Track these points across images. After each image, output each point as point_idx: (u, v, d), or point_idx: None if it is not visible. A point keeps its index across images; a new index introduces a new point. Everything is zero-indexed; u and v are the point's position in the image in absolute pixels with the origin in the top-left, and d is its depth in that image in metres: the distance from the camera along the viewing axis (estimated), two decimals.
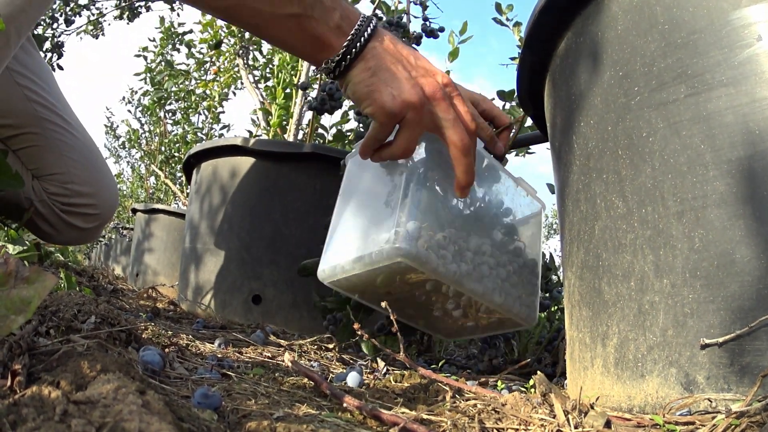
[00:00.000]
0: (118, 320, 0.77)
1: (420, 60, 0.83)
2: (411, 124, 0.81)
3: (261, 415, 0.57)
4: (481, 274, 0.88)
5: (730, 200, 0.60)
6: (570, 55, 0.85)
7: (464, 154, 0.81)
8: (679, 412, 0.59)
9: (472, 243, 0.89)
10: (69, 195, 1.38)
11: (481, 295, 0.88)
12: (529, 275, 0.98)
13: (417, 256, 0.79)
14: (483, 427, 0.62)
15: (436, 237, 0.83)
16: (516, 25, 2.00)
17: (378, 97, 0.79)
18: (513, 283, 0.94)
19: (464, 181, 0.83)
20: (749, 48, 0.62)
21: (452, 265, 0.84)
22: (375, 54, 0.80)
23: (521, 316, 0.95)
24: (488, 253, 0.91)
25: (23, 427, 0.34)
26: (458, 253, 0.86)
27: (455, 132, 0.80)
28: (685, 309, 0.62)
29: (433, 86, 0.80)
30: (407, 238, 0.79)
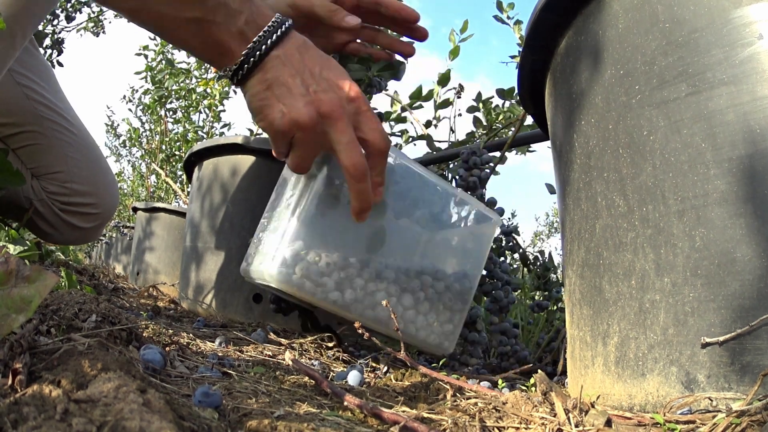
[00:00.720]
0: (118, 319, 0.77)
1: (328, 71, 0.77)
2: (300, 144, 0.77)
3: (262, 414, 0.57)
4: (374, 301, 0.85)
5: (730, 199, 0.60)
6: (571, 53, 0.85)
7: (356, 179, 0.77)
8: (679, 410, 0.59)
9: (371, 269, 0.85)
10: (69, 194, 1.37)
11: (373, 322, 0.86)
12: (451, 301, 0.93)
13: (290, 283, 0.78)
14: (484, 426, 0.62)
15: (317, 262, 0.80)
16: (517, 24, 2.00)
17: (268, 113, 0.75)
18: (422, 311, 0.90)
19: (357, 206, 0.80)
20: (750, 46, 0.62)
21: (333, 294, 0.82)
22: (275, 65, 0.75)
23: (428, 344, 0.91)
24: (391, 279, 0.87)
25: (24, 426, 0.34)
26: (346, 279, 0.83)
27: (347, 156, 0.76)
28: (686, 308, 0.62)
29: (332, 103, 0.75)
30: (281, 265, 0.78)
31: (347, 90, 0.76)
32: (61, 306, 0.74)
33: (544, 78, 0.99)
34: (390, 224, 0.89)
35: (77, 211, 1.40)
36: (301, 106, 0.74)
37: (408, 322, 0.88)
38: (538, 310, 1.48)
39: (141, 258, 3.10)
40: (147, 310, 1.60)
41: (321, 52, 0.79)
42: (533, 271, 1.53)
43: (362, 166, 0.76)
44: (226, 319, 1.62)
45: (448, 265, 0.94)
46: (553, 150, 0.94)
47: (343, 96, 0.76)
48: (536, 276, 1.53)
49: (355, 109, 0.77)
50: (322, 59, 0.78)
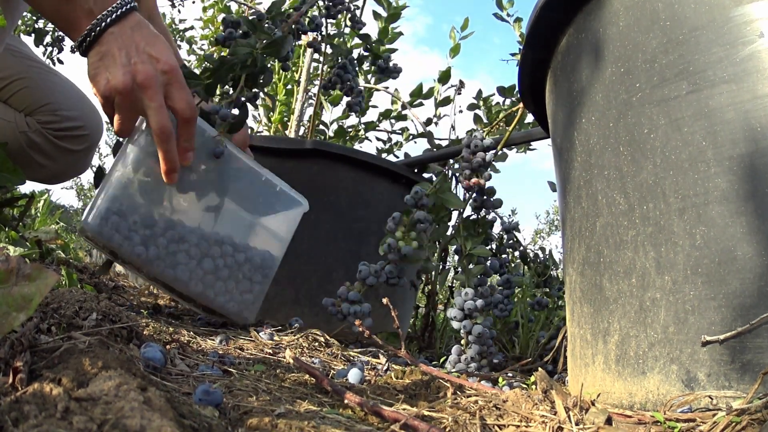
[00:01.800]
0: (119, 317, 0.77)
1: (152, 47, 0.87)
2: (119, 107, 0.87)
3: (262, 412, 0.57)
4: (176, 261, 0.92)
5: (731, 197, 0.60)
6: (571, 51, 0.85)
7: (162, 140, 0.87)
8: (680, 409, 0.59)
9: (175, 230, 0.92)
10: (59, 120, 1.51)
11: (172, 281, 0.92)
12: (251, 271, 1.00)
13: (101, 234, 0.86)
14: (484, 424, 0.62)
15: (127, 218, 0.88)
16: (517, 21, 2.00)
17: (98, 81, 0.86)
18: (221, 276, 0.96)
19: (165, 166, 0.89)
20: (751, 45, 0.62)
21: (138, 248, 0.89)
22: (109, 40, 0.86)
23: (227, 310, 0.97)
24: (192, 242, 0.94)
25: (25, 425, 0.34)
26: (151, 237, 0.90)
27: (155, 119, 0.86)
28: (687, 306, 0.62)
29: (147, 73, 0.85)
30: (95, 216, 0.86)
31: (163, 63, 0.87)
32: (61, 304, 0.74)
33: (544, 76, 0.99)
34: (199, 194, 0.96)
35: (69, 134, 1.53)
36: (121, 74, 0.84)
37: (207, 286, 0.95)
38: (539, 308, 1.48)
39: None
40: (147, 308, 1.60)
41: (153, 32, 0.90)
42: (533, 268, 1.53)
43: (167, 129, 0.86)
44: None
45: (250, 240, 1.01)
46: (554, 148, 0.94)
47: (158, 68, 0.86)
48: (536, 273, 1.53)
49: (167, 80, 0.87)
50: (149, 37, 0.88)
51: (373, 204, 1.68)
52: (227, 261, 0.97)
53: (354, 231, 1.63)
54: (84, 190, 9.08)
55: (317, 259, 1.63)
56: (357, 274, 1.31)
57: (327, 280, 1.63)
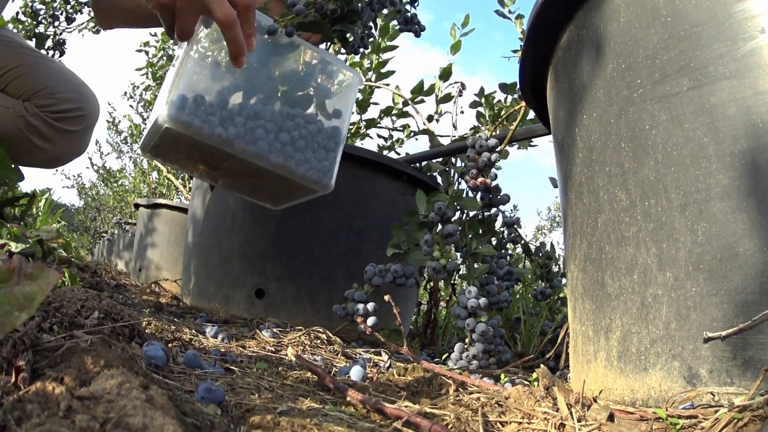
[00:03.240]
0: (121, 315, 0.77)
1: None
2: (181, 10, 0.90)
3: (264, 410, 0.57)
4: (255, 137, 0.95)
5: (733, 193, 0.60)
6: (572, 47, 0.85)
7: (228, 27, 0.89)
8: (682, 405, 0.59)
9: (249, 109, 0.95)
10: (57, 103, 1.54)
11: (254, 156, 0.95)
12: (324, 140, 1.02)
13: (179, 121, 0.88)
14: (486, 421, 0.62)
15: (201, 103, 0.91)
16: (518, 18, 1.99)
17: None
18: (299, 147, 0.99)
19: (234, 51, 0.91)
20: (752, 40, 0.62)
21: (218, 129, 0.91)
22: None
23: (309, 179, 1.00)
24: (267, 118, 0.97)
25: (28, 423, 0.34)
26: (228, 117, 0.93)
27: (220, 10, 0.88)
28: (688, 302, 0.62)
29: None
30: (171, 106, 0.88)
31: None
32: (63, 303, 0.74)
33: (545, 72, 0.98)
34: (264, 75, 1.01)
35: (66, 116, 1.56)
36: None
37: (288, 157, 0.98)
38: (542, 298, 1.49)
39: (143, 254, 3.11)
40: (149, 306, 1.60)
41: None
42: (535, 261, 1.54)
43: (232, 16, 0.89)
44: (229, 314, 1.62)
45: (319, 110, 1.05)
46: (555, 144, 0.94)
47: None
48: (538, 266, 1.53)
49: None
50: None
51: (374, 201, 1.68)
52: (301, 132, 1.00)
53: (355, 228, 1.63)
54: (85, 188, 9.08)
55: (318, 256, 1.63)
56: (363, 275, 1.31)
57: (328, 277, 1.63)
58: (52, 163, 1.64)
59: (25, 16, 3.34)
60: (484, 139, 1.32)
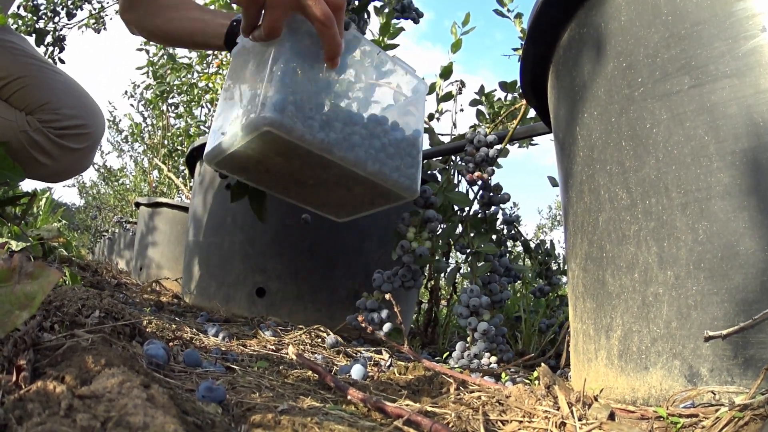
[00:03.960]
0: (122, 314, 0.77)
1: None
2: (272, 7, 0.86)
3: (265, 408, 0.57)
4: (352, 143, 0.92)
5: (734, 192, 0.60)
6: (573, 46, 0.85)
7: (327, 26, 0.86)
8: (682, 404, 0.59)
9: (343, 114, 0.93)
10: (60, 119, 1.51)
11: (353, 164, 0.92)
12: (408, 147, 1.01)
13: (282, 125, 0.83)
14: (487, 419, 0.62)
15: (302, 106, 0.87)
16: (517, 17, 1.99)
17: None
18: (389, 154, 0.98)
19: (331, 51, 0.89)
20: (753, 39, 0.61)
21: (320, 134, 0.88)
22: None
23: (401, 186, 0.98)
24: (360, 124, 0.94)
25: (29, 422, 0.34)
26: (327, 122, 0.90)
27: (317, 8, 0.85)
28: (689, 301, 0.62)
29: None
30: (272, 109, 0.83)
31: None
32: (64, 302, 0.74)
33: (546, 71, 0.98)
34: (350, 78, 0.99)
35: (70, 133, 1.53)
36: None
37: (382, 164, 0.96)
38: (540, 294, 1.49)
39: (144, 253, 3.11)
40: (150, 305, 1.60)
41: None
42: (535, 258, 1.54)
43: (330, 14, 0.86)
44: (230, 313, 1.62)
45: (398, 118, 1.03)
46: (556, 142, 0.94)
47: None
48: (538, 263, 1.53)
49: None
50: None
51: None
52: (390, 139, 0.99)
53: (356, 226, 1.63)
54: (86, 187, 9.09)
55: (319, 254, 1.63)
56: (372, 283, 1.32)
57: (329, 275, 1.63)
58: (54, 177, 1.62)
59: (25, 11, 3.33)
60: (482, 135, 1.33)
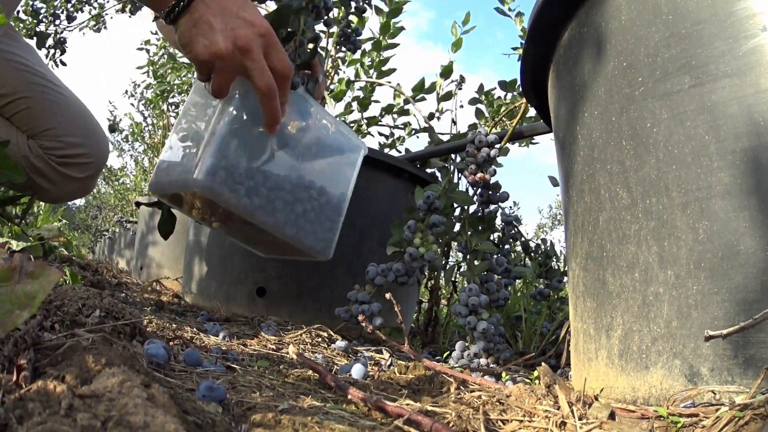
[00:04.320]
0: (122, 314, 0.77)
1: (245, 11, 0.90)
2: (220, 71, 0.89)
3: (266, 408, 0.57)
4: (274, 208, 0.98)
5: (734, 191, 0.60)
6: (573, 45, 0.85)
7: (269, 98, 0.90)
8: (683, 404, 0.59)
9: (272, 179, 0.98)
10: (63, 147, 1.47)
11: (272, 227, 0.98)
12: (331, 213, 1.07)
13: (210, 189, 0.90)
14: (487, 419, 0.62)
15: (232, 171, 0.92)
16: (518, 15, 1.99)
17: (194, 47, 0.88)
18: (309, 219, 1.03)
19: (270, 120, 0.93)
20: (754, 38, 0.61)
21: (244, 199, 0.93)
22: (200, 7, 0.88)
23: (314, 249, 1.04)
24: (287, 189, 1.00)
25: (29, 422, 0.34)
26: (254, 188, 0.95)
27: (261, 79, 0.89)
28: (690, 300, 0.62)
29: (247, 38, 0.88)
30: (204, 172, 0.89)
31: (259, 27, 0.90)
32: (64, 302, 0.74)
33: (546, 70, 0.98)
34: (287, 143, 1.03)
35: (72, 162, 1.49)
36: (221, 40, 0.87)
37: (299, 228, 1.02)
38: (540, 298, 1.49)
39: (144, 253, 3.11)
40: (150, 304, 1.60)
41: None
42: (535, 259, 1.54)
43: (273, 87, 0.90)
44: (230, 312, 1.63)
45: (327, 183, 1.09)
46: (556, 142, 0.94)
47: (255, 32, 0.89)
48: (538, 264, 1.53)
49: (265, 42, 0.90)
50: (240, 2, 0.91)
51: (375, 199, 1.68)
52: (313, 204, 1.04)
53: (356, 226, 1.63)
54: None
55: None
56: (365, 275, 1.31)
57: (329, 275, 1.63)
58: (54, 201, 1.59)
59: (25, 15, 3.33)
60: (483, 135, 1.33)
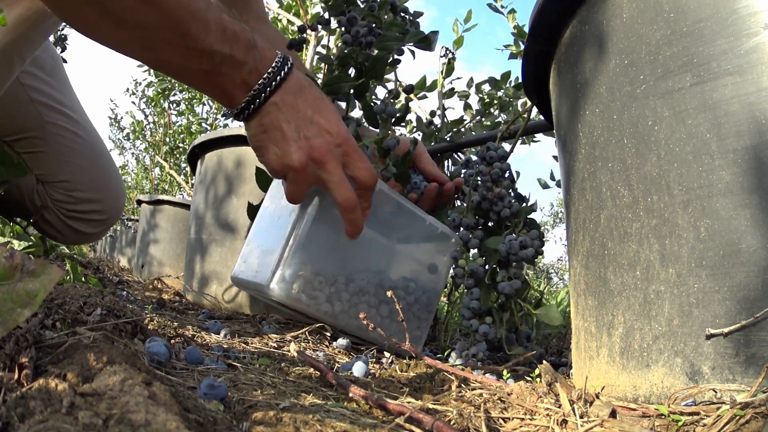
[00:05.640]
0: (123, 312, 0.77)
1: (320, 116, 0.84)
2: (293, 181, 0.85)
3: (267, 406, 0.57)
4: (357, 312, 0.96)
5: (736, 190, 0.60)
6: (575, 43, 0.85)
7: (348, 211, 0.86)
8: (684, 402, 0.59)
9: (355, 283, 0.97)
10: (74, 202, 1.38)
11: (355, 330, 0.98)
12: (419, 311, 1.05)
13: (288, 298, 0.89)
14: (489, 417, 0.62)
15: (311, 280, 0.91)
16: (511, 12, 1.99)
17: (264, 154, 0.84)
18: (396, 320, 1.02)
19: (351, 230, 0.89)
20: (755, 36, 0.61)
21: (325, 306, 0.93)
22: (270, 111, 0.82)
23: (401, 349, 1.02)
24: (371, 292, 0.99)
25: (31, 420, 0.34)
26: (335, 293, 0.94)
27: (339, 193, 0.84)
28: (691, 299, 0.62)
29: (322, 149, 0.82)
30: (281, 281, 0.89)
31: (335, 135, 0.84)
32: (66, 300, 0.74)
33: (548, 68, 0.98)
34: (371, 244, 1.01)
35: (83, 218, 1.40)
36: (293, 150, 0.82)
37: (385, 329, 1.00)
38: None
39: (145, 251, 3.11)
40: (152, 302, 1.60)
41: (316, 94, 0.86)
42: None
43: (353, 200, 0.85)
44: (231, 311, 1.63)
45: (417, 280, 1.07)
46: (558, 140, 0.94)
47: (331, 141, 0.83)
48: None
49: (343, 151, 0.85)
50: (315, 103, 0.85)
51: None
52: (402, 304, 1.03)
53: None
54: None
55: None
56: None
57: None
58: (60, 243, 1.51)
59: None
60: (493, 150, 1.33)
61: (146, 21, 0.73)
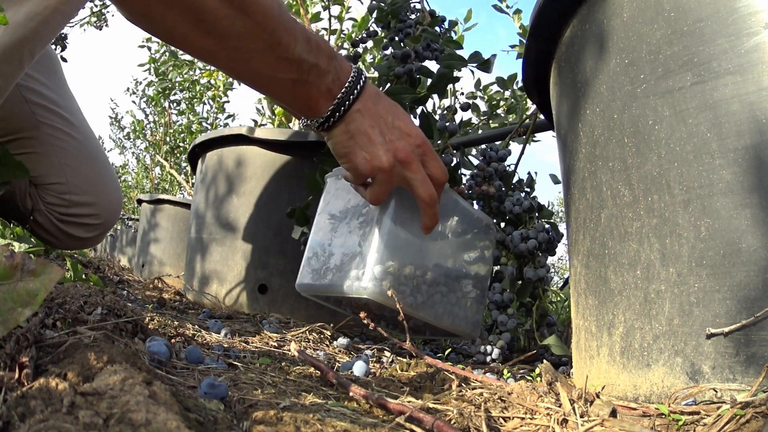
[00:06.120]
0: (124, 311, 0.77)
1: (399, 120, 0.90)
2: (381, 182, 0.89)
3: (267, 405, 0.57)
4: (434, 302, 1.03)
5: (736, 189, 0.60)
6: (575, 42, 0.85)
7: (430, 206, 0.91)
8: (684, 401, 0.59)
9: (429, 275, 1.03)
10: (67, 205, 1.33)
11: (433, 320, 1.03)
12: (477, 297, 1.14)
13: (380, 295, 0.93)
14: (489, 416, 0.62)
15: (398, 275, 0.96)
16: (516, 13, 1.99)
17: (353, 159, 0.88)
18: (462, 306, 1.09)
19: (430, 224, 0.95)
20: (756, 36, 0.61)
21: (409, 298, 0.98)
22: (355, 118, 0.87)
23: (467, 333, 1.11)
24: (442, 283, 1.05)
25: (31, 419, 0.34)
26: (416, 287, 1.00)
27: (423, 190, 0.90)
28: (691, 298, 0.62)
29: (406, 150, 0.88)
30: (373, 279, 0.93)
31: (415, 137, 0.90)
32: (66, 299, 0.74)
33: (548, 67, 0.98)
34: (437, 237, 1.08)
35: (77, 222, 1.36)
36: (382, 153, 0.86)
37: (455, 317, 1.08)
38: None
39: (146, 250, 3.11)
40: (152, 302, 1.60)
41: (390, 101, 0.92)
42: None
43: (434, 197, 0.91)
44: (232, 310, 1.63)
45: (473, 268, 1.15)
46: (558, 139, 0.94)
47: (412, 142, 0.90)
48: None
49: (422, 152, 0.91)
50: (392, 108, 0.91)
51: None
52: (464, 291, 1.10)
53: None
54: None
55: None
56: None
57: None
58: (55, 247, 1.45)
59: None
60: (494, 151, 1.35)
61: (241, 31, 0.77)
